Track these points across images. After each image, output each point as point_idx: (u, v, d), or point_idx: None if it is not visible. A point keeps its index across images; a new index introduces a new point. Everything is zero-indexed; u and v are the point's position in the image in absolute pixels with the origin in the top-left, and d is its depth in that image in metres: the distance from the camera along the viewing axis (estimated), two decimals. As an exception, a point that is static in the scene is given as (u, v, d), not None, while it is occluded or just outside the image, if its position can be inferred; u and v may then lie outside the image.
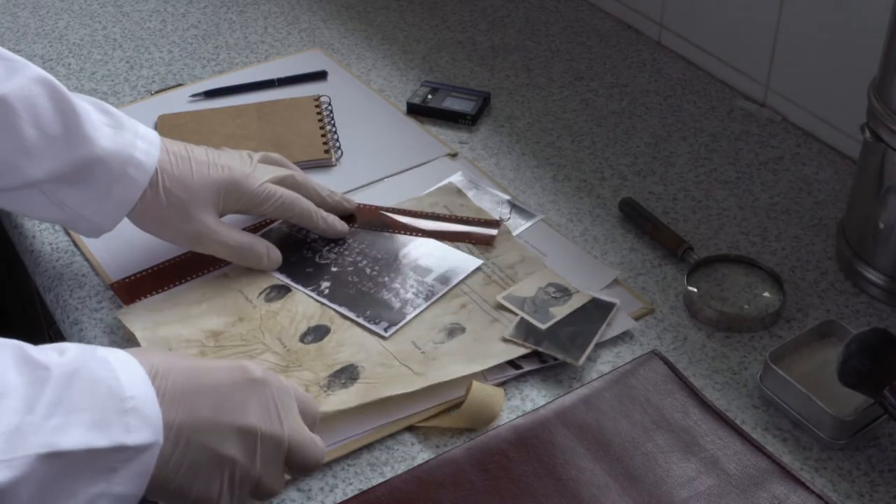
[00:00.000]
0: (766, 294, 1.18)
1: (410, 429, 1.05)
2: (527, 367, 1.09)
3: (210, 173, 1.17)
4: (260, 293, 1.18)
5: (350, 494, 0.99)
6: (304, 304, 1.16)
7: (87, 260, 1.25)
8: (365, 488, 1.00)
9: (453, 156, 1.38)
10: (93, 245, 1.26)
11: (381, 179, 1.35)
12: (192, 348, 1.11)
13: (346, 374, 1.08)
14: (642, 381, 1.07)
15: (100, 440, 0.81)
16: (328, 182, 1.33)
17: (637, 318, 1.15)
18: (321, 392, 1.06)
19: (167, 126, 1.43)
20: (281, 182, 1.21)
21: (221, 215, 1.19)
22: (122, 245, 1.25)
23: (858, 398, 1.03)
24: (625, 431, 1.02)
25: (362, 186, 1.33)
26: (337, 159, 1.38)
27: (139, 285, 1.20)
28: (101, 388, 0.83)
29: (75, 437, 0.80)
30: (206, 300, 1.17)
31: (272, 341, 1.12)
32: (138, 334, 1.12)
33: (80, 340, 1.17)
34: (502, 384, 1.08)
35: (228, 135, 1.41)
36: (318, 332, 1.13)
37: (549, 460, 0.99)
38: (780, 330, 1.15)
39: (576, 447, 1.00)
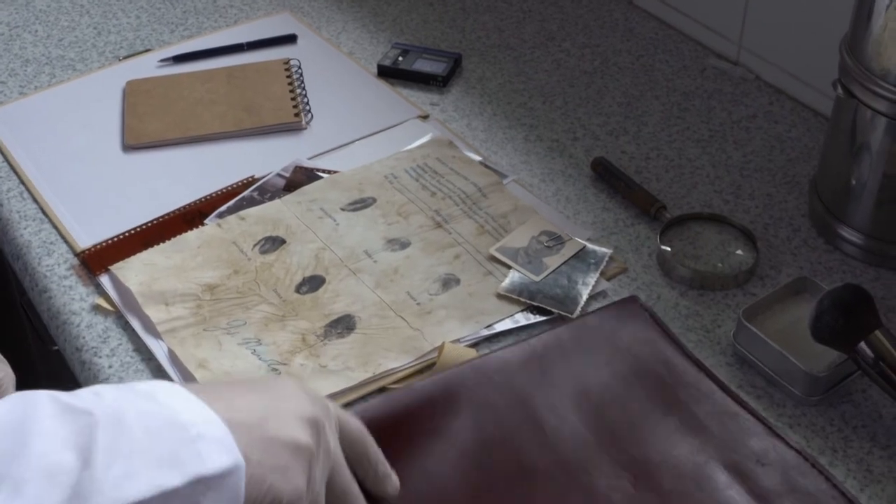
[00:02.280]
0: (739, 252, 1.18)
1: (382, 390, 1.04)
2: (523, 322, 1.10)
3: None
4: (255, 245, 1.18)
5: (323, 457, 0.99)
6: (298, 255, 1.17)
7: (55, 228, 1.23)
8: (337, 451, 0.99)
9: (424, 118, 1.37)
10: (61, 213, 1.25)
11: (352, 142, 1.34)
12: (188, 301, 1.12)
13: (343, 324, 1.09)
14: (624, 326, 1.06)
15: (173, 479, 0.70)
16: (298, 146, 1.32)
17: (610, 278, 1.15)
18: (318, 341, 1.07)
19: (136, 91, 1.42)
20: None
21: None
22: (90, 212, 1.24)
23: (832, 354, 1.03)
24: (605, 381, 1.01)
25: (333, 149, 1.33)
26: (307, 122, 1.37)
27: (108, 253, 1.19)
28: (156, 422, 0.73)
29: (144, 482, 0.69)
30: (201, 254, 1.17)
31: (268, 293, 1.13)
32: (134, 289, 1.12)
33: (48, 309, 1.16)
34: (475, 345, 1.08)
35: (197, 99, 1.40)
36: (313, 283, 1.14)
37: (529, 401, 1.00)
38: (754, 287, 1.14)
39: (555, 394, 0.99)
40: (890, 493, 0.96)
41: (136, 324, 1.11)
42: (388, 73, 1.46)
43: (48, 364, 1.55)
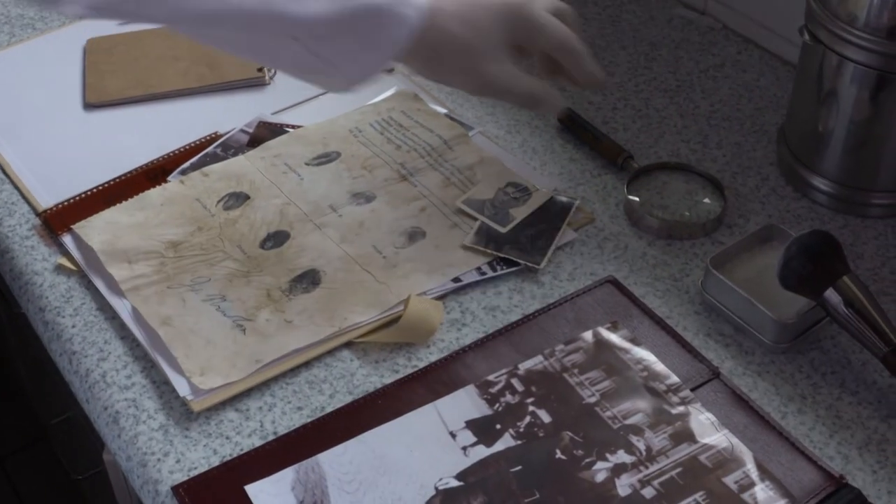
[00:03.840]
0: (707, 200, 1.17)
1: (348, 345, 1.04)
2: (490, 273, 1.09)
3: (492, 3, 1.04)
4: (218, 201, 1.17)
5: (289, 413, 0.98)
6: (262, 211, 1.16)
7: (16, 188, 1.22)
8: (303, 406, 0.98)
9: (389, 71, 1.36)
10: (22, 173, 1.23)
11: (316, 97, 1.32)
12: (152, 259, 1.11)
13: (308, 279, 1.08)
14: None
15: None
16: (262, 101, 1.31)
17: (577, 228, 1.14)
18: (283, 296, 1.06)
19: (97, 49, 1.40)
20: (557, 14, 1.08)
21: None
22: (51, 172, 1.23)
23: (800, 302, 1.02)
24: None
25: (297, 104, 1.31)
26: (270, 78, 1.35)
27: (70, 212, 1.17)
28: None
29: None
30: (165, 211, 1.16)
31: (232, 249, 1.12)
32: (96, 248, 1.11)
33: (11, 270, 1.14)
34: (441, 297, 1.07)
35: (159, 56, 1.38)
36: (277, 238, 1.13)
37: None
38: (722, 236, 1.14)
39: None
40: (859, 439, 0.96)
41: (99, 283, 1.10)
42: (352, 27, 1.44)
43: (16, 328, 1.54)
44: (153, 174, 1.22)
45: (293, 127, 1.27)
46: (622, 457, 0.93)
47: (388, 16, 0.97)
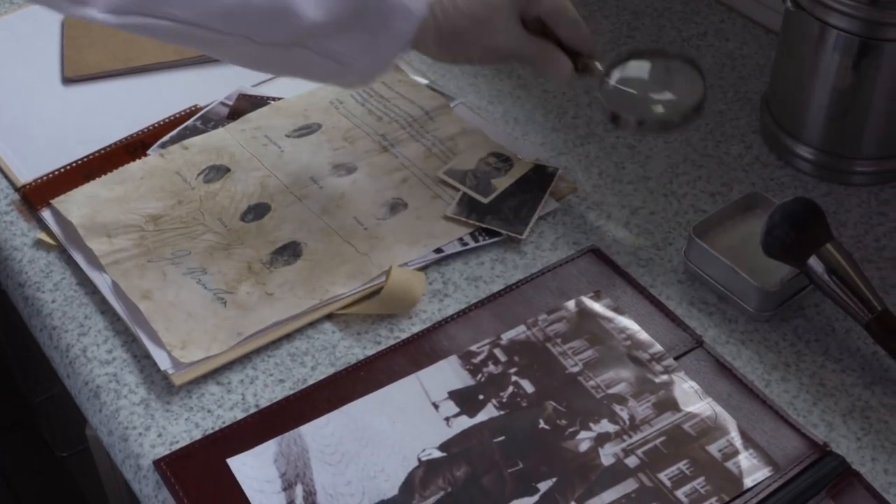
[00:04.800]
0: (684, 84, 1.11)
1: (330, 317, 1.03)
2: (472, 244, 1.09)
3: None
4: (199, 174, 1.17)
5: (270, 385, 0.98)
6: (243, 183, 1.15)
7: (-6, 162, 1.21)
8: (285, 379, 0.98)
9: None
10: (0, 148, 1.22)
11: (295, 69, 1.31)
12: (131, 233, 1.10)
13: (289, 251, 1.08)
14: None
15: None
16: (242, 74, 1.29)
17: (559, 198, 1.14)
18: (264, 269, 1.06)
19: (75, 23, 1.38)
20: None
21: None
22: (30, 147, 1.22)
23: (784, 269, 1.02)
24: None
25: (275, 77, 1.30)
26: (251, 50, 1.34)
27: (49, 187, 1.16)
28: None
29: None
30: (144, 184, 1.15)
31: (212, 222, 1.11)
32: (75, 222, 1.11)
33: (-10, 245, 1.14)
34: (423, 268, 1.07)
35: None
36: (258, 211, 1.12)
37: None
38: (705, 204, 1.13)
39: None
40: (843, 406, 0.95)
41: (78, 257, 1.09)
42: (332, -2, 1.43)
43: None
44: (133, 148, 1.21)
45: (273, 99, 1.26)
46: (605, 426, 0.93)
47: (395, 4, 1.01)
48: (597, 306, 1.02)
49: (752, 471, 0.90)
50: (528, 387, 0.96)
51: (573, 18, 1.07)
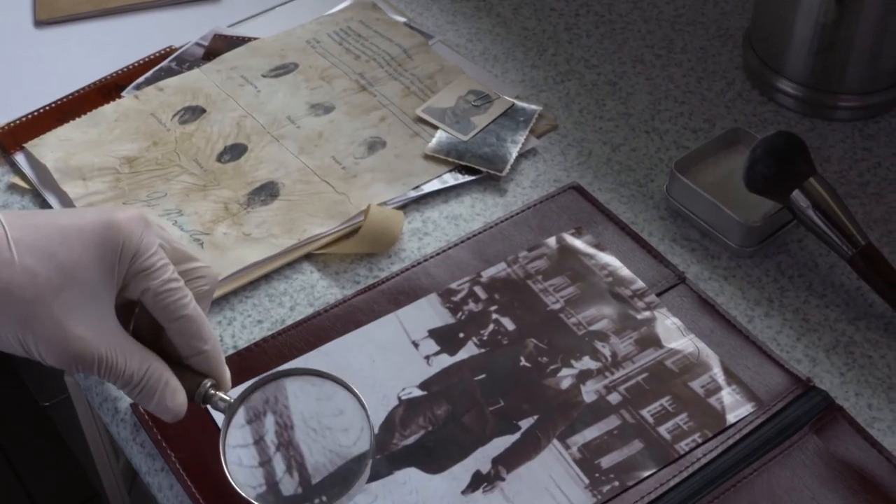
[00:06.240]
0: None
1: (308, 257, 1.02)
2: (451, 182, 1.07)
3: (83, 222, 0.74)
4: (174, 115, 1.15)
5: (248, 327, 0.97)
6: (219, 124, 1.14)
7: (-34, 106, 1.19)
8: (263, 320, 0.97)
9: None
10: (-27, 91, 1.20)
11: (273, 8, 1.29)
12: (106, 175, 1.09)
13: (266, 192, 1.06)
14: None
15: None
16: (217, 14, 1.28)
17: (540, 135, 1.12)
18: (241, 209, 1.05)
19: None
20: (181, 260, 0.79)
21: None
22: (2, 91, 1.21)
23: (766, 205, 1.01)
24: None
25: (253, 16, 1.28)
26: (224, -10, 1.32)
27: (22, 130, 1.15)
28: None
29: None
30: (119, 126, 1.14)
31: (189, 163, 1.10)
32: (50, 165, 1.09)
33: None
34: (402, 207, 1.05)
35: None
36: (235, 151, 1.11)
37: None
38: (686, 140, 1.12)
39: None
40: (826, 342, 0.95)
41: (53, 201, 1.08)
42: (309, -63, 1.41)
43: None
44: (107, 90, 1.19)
45: (250, 39, 1.24)
46: (587, 363, 0.92)
47: None
48: (578, 243, 1.01)
49: (735, 406, 0.89)
50: (509, 324, 0.95)
51: (191, 318, 0.76)
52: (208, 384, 0.78)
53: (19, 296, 0.70)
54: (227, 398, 0.78)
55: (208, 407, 0.79)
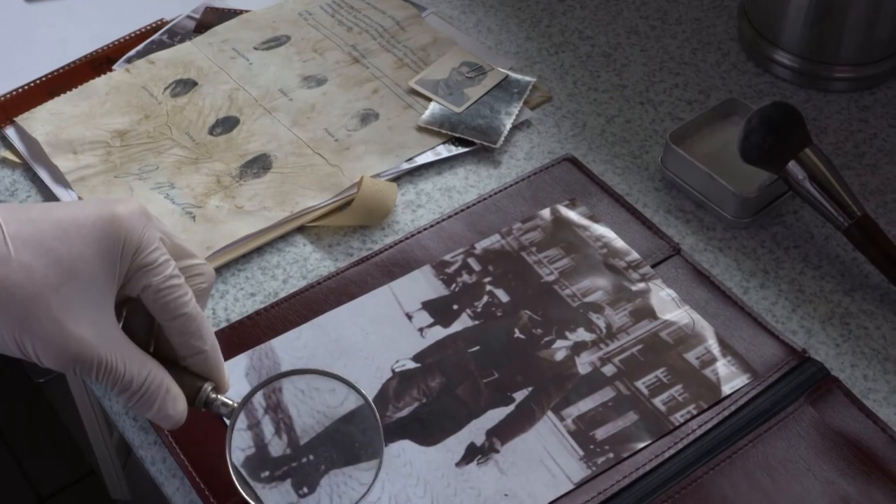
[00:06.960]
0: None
1: (301, 229, 1.01)
2: (445, 153, 1.07)
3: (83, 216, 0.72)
4: (165, 88, 1.14)
5: (241, 299, 0.96)
6: (211, 97, 1.13)
7: (-43, 80, 1.18)
8: (256, 292, 0.96)
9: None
10: (-37, 64, 1.20)
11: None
12: (98, 149, 1.08)
13: (259, 164, 1.06)
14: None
15: None
16: (209, -14, 1.27)
17: (534, 107, 1.12)
18: (233, 182, 1.04)
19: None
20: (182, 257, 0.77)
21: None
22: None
23: (762, 176, 1.00)
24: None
25: (243, -11, 1.27)
26: (218, -37, 1.31)
27: (12, 104, 1.14)
28: None
29: None
30: (110, 100, 1.13)
31: (180, 136, 1.09)
32: (40, 139, 1.08)
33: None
34: (396, 179, 1.05)
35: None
36: (227, 124, 1.10)
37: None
38: (681, 112, 1.11)
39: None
40: (822, 313, 0.94)
41: (44, 175, 1.07)
42: None
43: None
44: (98, 63, 1.18)
45: (241, 11, 1.23)
46: (582, 335, 0.92)
47: None
48: (572, 214, 1.01)
49: (731, 378, 0.88)
50: (503, 296, 0.94)
51: (193, 317, 0.75)
52: (209, 388, 0.77)
53: (16, 293, 0.68)
54: (230, 402, 0.77)
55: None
